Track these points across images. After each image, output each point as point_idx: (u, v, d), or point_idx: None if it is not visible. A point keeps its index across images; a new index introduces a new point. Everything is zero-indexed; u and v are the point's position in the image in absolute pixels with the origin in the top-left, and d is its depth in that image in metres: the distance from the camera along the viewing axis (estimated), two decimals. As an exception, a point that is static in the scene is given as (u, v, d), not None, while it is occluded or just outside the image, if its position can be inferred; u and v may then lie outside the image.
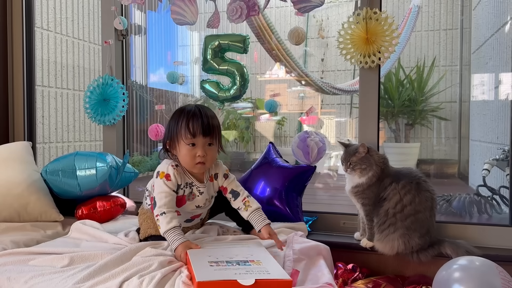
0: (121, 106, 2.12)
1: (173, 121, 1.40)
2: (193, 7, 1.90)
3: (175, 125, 1.38)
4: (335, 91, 3.61)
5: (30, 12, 2.36)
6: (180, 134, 1.36)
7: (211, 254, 1.25)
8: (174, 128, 1.38)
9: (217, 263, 1.19)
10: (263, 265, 1.19)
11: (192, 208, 1.45)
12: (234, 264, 1.18)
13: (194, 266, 1.15)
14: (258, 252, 1.30)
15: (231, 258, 1.22)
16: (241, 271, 1.14)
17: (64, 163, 1.86)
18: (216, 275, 1.11)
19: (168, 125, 1.42)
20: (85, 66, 3.41)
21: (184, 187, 1.41)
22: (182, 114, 1.38)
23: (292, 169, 1.82)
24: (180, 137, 1.36)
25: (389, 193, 1.54)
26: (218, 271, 1.14)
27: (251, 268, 1.16)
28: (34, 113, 2.43)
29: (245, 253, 1.27)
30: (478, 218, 2.14)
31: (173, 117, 1.41)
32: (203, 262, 1.18)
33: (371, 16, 1.70)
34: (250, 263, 1.19)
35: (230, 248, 1.33)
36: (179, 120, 1.37)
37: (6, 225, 1.68)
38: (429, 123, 4.44)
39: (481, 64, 3.35)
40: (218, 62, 1.96)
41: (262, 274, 1.12)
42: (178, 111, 1.41)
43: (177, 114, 1.40)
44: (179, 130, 1.36)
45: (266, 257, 1.26)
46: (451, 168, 4.25)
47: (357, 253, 1.69)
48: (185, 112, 1.38)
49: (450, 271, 1.31)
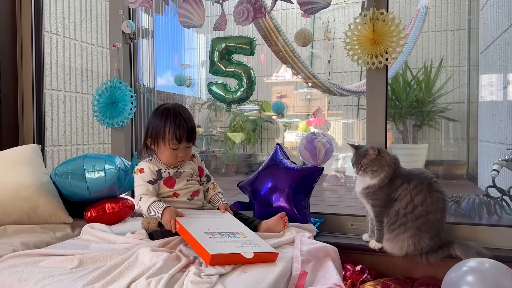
0: (129, 109, 2.13)
1: (157, 122, 1.51)
2: (200, 10, 1.90)
3: (161, 128, 1.50)
4: (343, 92, 3.60)
5: (39, 17, 2.39)
6: (166, 139, 1.49)
7: (201, 225, 1.36)
8: (160, 131, 1.50)
9: (212, 234, 1.30)
10: (248, 237, 1.34)
11: (184, 183, 1.57)
12: (227, 237, 1.31)
13: (199, 238, 1.23)
14: (237, 224, 1.45)
15: (220, 230, 1.35)
16: (237, 244, 1.27)
17: (73, 165, 1.87)
18: (222, 247, 1.21)
19: (151, 125, 1.53)
20: (93, 70, 3.43)
21: (167, 170, 1.55)
22: (168, 118, 1.49)
23: (299, 171, 1.81)
24: (165, 141, 1.50)
25: (400, 193, 1.53)
26: (221, 243, 1.24)
27: (242, 241, 1.30)
28: (43, 116, 2.45)
29: (227, 225, 1.41)
30: (487, 219, 2.12)
31: (156, 118, 1.52)
32: (201, 234, 1.28)
33: (378, 17, 1.70)
34: (239, 236, 1.33)
35: (212, 219, 1.46)
36: (165, 124, 1.49)
37: (16, 227, 1.69)
38: (437, 124, 4.41)
39: (489, 64, 3.33)
40: (225, 64, 1.97)
41: (255, 247, 1.26)
42: (162, 113, 1.51)
43: (162, 117, 1.50)
44: (165, 135, 1.49)
45: (246, 230, 1.42)
46: (459, 169, 4.22)
47: (365, 254, 1.68)
48: (171, 116, 1.49)
49: (460, 273, 1.30)
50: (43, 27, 2.45)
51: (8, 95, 2.30)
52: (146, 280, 1.13)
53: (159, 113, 1.52)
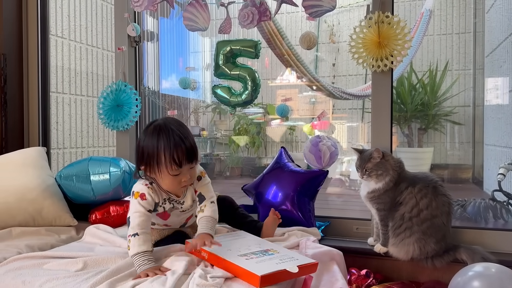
0: (134, 111, 2.14)
1: (149, 145, 1.26)
2: (205, 13, 1.91)
3: (154, 152, 1.25)
4: (346, 96, 3.59)
5: (45, 20, 2.40)
6: (163, 165, 1.25)
7: (230, 248, 1.28)
8: (154, 156, 1.25)
9: (246, 255, 1.23)
10: (282, 252, 1.28)
11: (178, 216, 1.42)
12: (261, 255, 1.24)
13: (239, 262, 1.17)
14: (263, 242, 1.39)
15: (250, 250, 1.28)
16: (276, 260, 1.21)
17: (78, 168, 1.87)
18: (266, 267, 1.15)
19: (142, 149, 1.28)
20: (99, 73, 3.45)
21: (163, 204, 1.35)
22: (161, 139, 1.25)
23: (304, 174, 1.81)
24: (162, 168, 1.25)
25: (405, 197, 1.53)
26: (261, 263, 1.18)
27: (279, 257, 1.24)
28: (49, 119, 2.46)
29: (255, 244, 1.35)
30: (493, 224, 2.11)
31: (147, 140, 1.27)
32: (236, 257, 1.21)
33: (383, 20, 1.69)
34: (273, 253, 1.27)
35: (236, 240, 1.39)
36: (159, 147, 1.24)
37: (21, 230, 1.70)
38: (442, 127, 4.39)
39: (495, 67, 3.31)
40: (229, 68, 1.97)
41: (295, 261, 1.21)
42: (153, 133, 1.27)
43: (154, 138, 1.26)
44: (161, 161, 1.25)
45: (274, 245, 1.36)
46: (465, 173, 4.19)
47: (370, 258, 1.67)
48: (164, 136, 1.25)
49: (466, 277, 1.28)
50: (49, 30, 2.46)
51: (14, 98, 2.32)
52: (151, 283, 1.13)
53: (149, 133, 1.27)
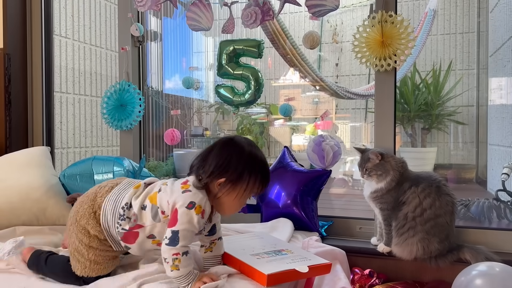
0: (137, 111, 2.14)
1: (242, 165, 1.16)
2: (208, 13, 1.91)
3: (245, 169, 1.16)
4: (350, 96, 3.59)
5: (49, 20, 2.41)
6: (249, 186, 1.16)
7: (244, 248, 1.29)
8: (244, 178, 1.15)
9: (259, 255, 1.23)
10: (295, 253, 1.27)
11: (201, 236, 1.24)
12: (274, 255, 1.24)
13: (248, 261, 1.17)
14: (279, 242, 1.37)
15: (264, 250, 1.28)
16: (287, 260, 1.20)
17: (82, 167, 1.88)
18: (274, 266, 1.15)
19: (231, 165, 1.15)
20: (102, 73, 3.46)
21: (205, 224, 1.20)
22: (256, 159, 1.18)
23: (307, 173, 1.81)
24: (244, 187, 1.16)
25: (408, 196, 1.52)
26: (271, 262, 1.18)
27: (291, 257, 1.23)
28: (53, 118, 2.47)
29: (270, 244, 1.34)
30: (497, 224, 2.10)
31: (243, 155, 1.17)
32: (248, 256, 1.21)
33: (387, 19, 1.69)
34: (286, 253, 1.26)
35: (252, 240, 1.39)
36: (254, 167, 1.17)
37: (25, 228, 1.70)
38: (446, 127, 4.38)
39: (499, 67, 3.30)
40: (233, 67, 1.98)
41: (306, 261, 1.20)
42: (248, 149, 1.18)
43: (250, 155, 1.18)
44: (249, 181, 1.16)
45: (290, 245, 1.35)
46: (468, 173, 4.18)
47: (374, 258, 1.67)
48: (258, 159, 1.19)
49: (470, 277, 1.28)
50: (52, 30, 2.47)
51: (18, 98, 2.33)
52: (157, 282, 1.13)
53: (245, 147, 1.18)
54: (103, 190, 1.23)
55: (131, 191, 1.20)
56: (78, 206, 1.22)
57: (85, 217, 1.18)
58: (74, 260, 1.19)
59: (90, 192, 1.25)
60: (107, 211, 1.18)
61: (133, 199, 1.18)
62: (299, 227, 1.72)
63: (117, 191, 1.21)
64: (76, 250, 1.19)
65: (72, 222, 1.22)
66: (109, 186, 1.24)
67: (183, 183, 1.16)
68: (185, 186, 1.15)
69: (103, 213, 1.18)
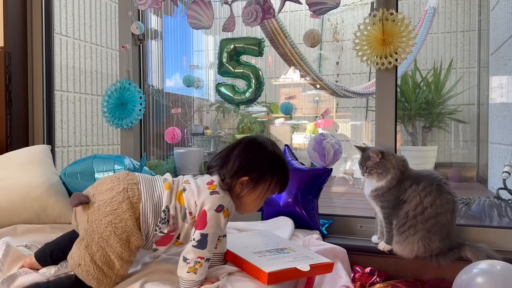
0: (138, 109, 2.14)
1: (266, 165, 1.17)
2: (208, 11, 1.91)
3: (271, 168, 1.17)
4: (349, 95, 3.59)
5: (49, 19, 2.41)
6: (272, 185, 1.18)
7: (246, 246, 1.29)
8: (267, 177, 1.17)
9: (261, 253, 1.23)
10: (298, 251, 1.27)
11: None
12: (276, 253, 1.24)
13: (250, 259, 1.17)
14: (282, 240, 1.37)
15: (266, 248, 1.28)
16: (289, 258, 1.20)
17: (83, 165, 1.88)
18: (276, 264, 1.14)
19: (256, 164, 1.16)
20: (103, 71, 3.46)
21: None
22: (280, 159, 1.20)
23: (308, 172, 1.81)
24: (267, 186, 1.17)
25: (409, 195, 1.52)
26: (273, 260, 1.18)
27: (293, 255, 1.23)
28: (53, 117, 2.47)
29: (273, 242, 1.34)
30: (498, 222, 2.10)
31: (269, 154, 1.19)
32: (250, 254, 1.21)
33: (388, 17, 1.69)
34: (288, 251, 1.26)
35: (255, 238, 1.39)
36: (278, 166, 1.19)
37: (26, 227, 1.70)
38: (447, 126, 4.38)
39: (500, 65, 3.30)
40: (233, 65, 1.97)
41: (308, 260, 1.19)
42: (273, 149, 1.20)
43: (275, 155, 1.19)
44: (269, 181, 1.17)
45: (293, 244, 1.34)
46: (469, 171, 4.18)
47: (374, 256, 1.67)
48: (282, 159, 1.21)
49: (471, 275, 1.28)
50: (53, 29, 2.47)
51: (18, 96, 2.33)
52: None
53: (270, 147, 1.20)
54: (132, 193, 1.12)
55: (167, 193, 1.13)
56: (112, 217, 1.08)
57: (127, 229, 1.08)
58: (98, 274, 1.07)
59: (118, 198, 1.11)
60: (148, 217, 1.11)
61: (169, 201, 1.13)
62: (300, 226, 1.72)
63: (148, 192, 1.13)
64: (105, 263, 1.08)
65: (103, 235, 1.08)
66: (132, 187, 1.13)
67: (209, 183, 1.15)
68: (212, 187, 1.13)
69: (143, 219, 1.11)
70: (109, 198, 1.11)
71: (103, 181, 1.16)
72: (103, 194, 1.12)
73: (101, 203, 1.10)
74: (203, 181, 1.16)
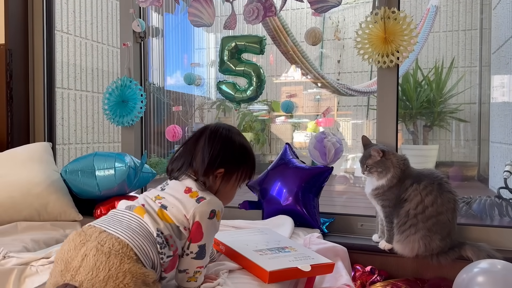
0: (139, 107, 2.14)
1: (237, 155, 1.13)
2: (210, 9, 1.91)
3: (243, 158, 1.14)
4: (351, 93, 3.58)
5: (50, 16, 2.41)
6: (244, 174, 1.15)
7: (247, 243, 1.28)
8: (239, 167, 1.13)
9: (262, 251, 1.23)
10: (299, 251, 1.26)
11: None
12: (277, 252, 1.24)
13: (251, 257, 1.17)
14: (283, 239, 1.37)
15: (267, 246, 1.28)
16: (290, 258, 1.20)
17: (84, 163, 1.88)
18: (277, 263, 1.14)
19: (227, 155, 1.11)
20: (104, 69, 3.46)
21: None
22: (248, 147, 1.17)
23: (308, 170, 1.81)
24: (240, 176, 1.14)
25: (410, 194, 1.52)
26: (274, 259, 1.18)
27: (294, 255, 1.23)
28: (54, 114, 2.47)
29: (274, 241, 1.34)
30: (499, 221, 2.10)
31: (239, 143, 1.15)
32: (251, 252, 1.21)
33: (389, 16, 1.68)
34: (289, 250, 1.26)
35: (255, 236, 1.39)
36: (249, 155, 1.16)
37: (26, 224, 1.71)
38: (448, 125, 4.37)
39: (502, 64, 3.29)
40: (234, 63, 1.97)
41: (310, 260, 1.19)
42: (241, 137, 1.17)
43: (245, 143, 1.16)
44: (244, 169, 1.14)
45: (293, 243, 1.34)
46: (470, 170, 4.18)
47: (375, 255, 1.67)
48: (250, 151, 1.17)
49: (471, 274, 1.28)
50: (54, 26, 2.46)
51: (19, 93, 2.33)
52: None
53: (237, 136, 1.15)
54: (110, 244, 0.95)
55: (146, 218, 1.01)
56: (113, 282, 0.91)
57: (136, 276, 0.93)
58: None
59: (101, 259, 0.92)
60: (147, 251, 0.97)
61: (156, 223, 1.02)
62: (301, 224, 1.72)
63: (127, 230, 0.99)
64: None
65: None
66: (103, 239, 0.95)
67: (187, 191, 1.07)
68: (193, 194, 1.06)
69: (143, 256, 0.96)
70: (91, 267, 0.92)
71: (67, 256, 0.95)
72: (81, 268, 0.92)
73: (89, 277, 0.91)
74: (178, 191, 1.07)
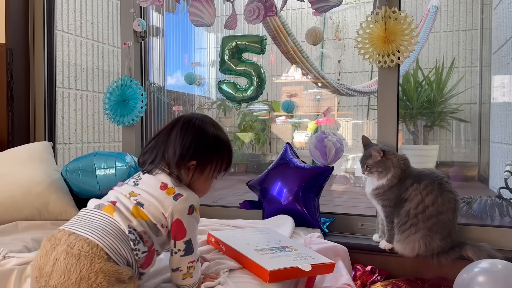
0: (139, 107, 2.14)
1: (210, 146, 1.10)
2: (210, 8, 1.91)
3: (217, 149, 1.11)
4: (352, 93, 3.58)
5: (51, 15, 2.41)
6: (219, 166, 1.12)
7: (248, 242, 1.29)
8: (213, 158, 1.10)
9: (262, 250, 1.23)
10: (299, 250, 1.27)
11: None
12: (278, 251, 1.24)
13: (252, 256, 1.17)
14: (284, 238, 1.38)
15: (268, 245, 1.28)
16: (291, 257, 1.20)
17: (84, 162, 1.88)
18: (278, 263, 1.15)
19: (199, 147, 1.08)
20: (104, 68, 3.45)
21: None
22: (224, 138, 1.14)
23: (309, 170, 1.81)
24: (214, 168, 1.11)
25: (410, 193, 1.52)
26: (274, 259, 1.18)
27: (295, 254, 1.23)
28: (55, 114, 2.47)
29: (274, 240, 1.34)
30: (499, 221, 2.10)
31: (213, 134, 1.11)
32: (252, 251, 1.21)
33: (390, 15, 1.68)
34: (290, 250, 1.26)
35: (256, 235, 1.39)
36: (224, 145, 1.13)
37: (27, 223, 1.71)
38: (448, 125, 4.37)
39: (502, 64, 3.29)
40: (235, 63, 1.97)
41: (310, 259, 1.20)
42: (215, 128, 1.13)
43: (219, 133, 1.13)
44: (217, 164, 1.11)
45: (294, 243, 1.35)
46: (470, 170, 4.17)
47: (375, 255, 1.67)
48: (225, 137, 1.14)
49: (472, 274, 1.28)
50: (55, 26, 2.47)
51: (20, 93, 2.33)
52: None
53: (210, 126, 1.12)
54: (80, 245, 0.94)
55: (117, 216, 0.99)
56: (85, 283, 0.90)
57: (109, 275, 0.92)
58: None
59: (71, 261, 0.91)
60: (119, 249, 0.96)
61: (127, 220, 1.00)
62: (301, 224, 1.72)
63: (97, 229, 0.97)
64: None
65: None
66: (73, 241, 0.95)
67: (163, 187, 1.05)
68: (170, 191, 1.04)
69: (115, 255, 0.95)
70: (62, 270, 0.91)
71: (40, 262, 0.95)
72: (53, 272, 0.92)
73: (62, 280, 0.90)
74: (154, 188, 1.05)
